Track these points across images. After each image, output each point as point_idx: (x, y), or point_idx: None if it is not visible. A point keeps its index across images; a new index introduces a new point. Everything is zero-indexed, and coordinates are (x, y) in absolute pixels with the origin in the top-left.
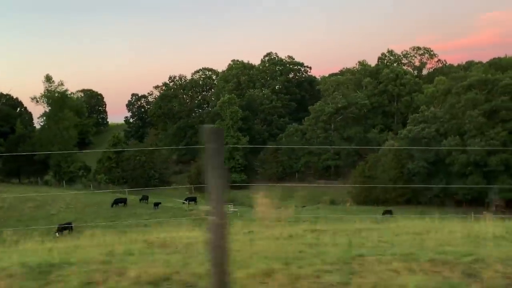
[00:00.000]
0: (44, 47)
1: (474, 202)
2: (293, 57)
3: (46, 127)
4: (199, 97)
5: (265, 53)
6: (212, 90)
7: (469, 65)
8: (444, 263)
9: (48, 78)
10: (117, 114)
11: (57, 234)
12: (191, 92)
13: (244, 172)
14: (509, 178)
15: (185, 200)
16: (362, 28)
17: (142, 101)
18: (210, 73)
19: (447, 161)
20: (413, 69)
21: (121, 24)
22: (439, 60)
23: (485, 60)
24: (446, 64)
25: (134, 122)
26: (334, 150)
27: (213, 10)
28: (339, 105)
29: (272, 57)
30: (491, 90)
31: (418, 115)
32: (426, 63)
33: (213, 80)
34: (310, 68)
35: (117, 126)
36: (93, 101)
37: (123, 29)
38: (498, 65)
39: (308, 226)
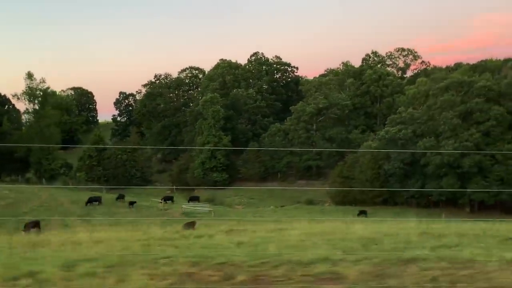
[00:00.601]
0: (37, 45)
1: (450, 203)
2: (281, 57)
3: (28, 124)
4: (186, 96)
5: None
6: (198, 89)
7: (457, 67)
8: (230, 265)
9: (30, 75)
10: (107, 112)
11: (23, 232)
12: (177, 91)
13: (226, 172)
14: (482, 179)
15: (162, 199)
16: (356, 30)
17: (130, 100)
18: (196, 72)
19: (422, 162)
20: (397, 71)
21: (114, 21)
22: (423, 61)
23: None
24: (430, 66)
25: (122, 121)
26: (315, 150)
27: (206, 10)
28: (320, 106)
29: (259, 57)
30: (467, 92)
31: (396, 116)
32: (410, 64)
33: (200, 79)
34: (297, 68)
35: (107, 124)
36: (83, 99)
37: (116, 27)
38: (484, 67)
39: (231, 227)
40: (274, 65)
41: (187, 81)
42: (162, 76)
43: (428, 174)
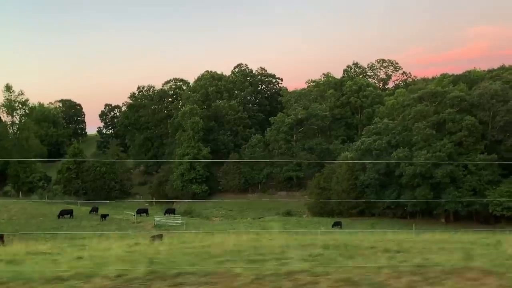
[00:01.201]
0: (28, 57)
1: (427, 213)
2: (266, 69)
3: (7, 136)
4: (169, 107)
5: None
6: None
7: (443, 78)
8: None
9: (8, 88)
10: (98, 124)
11: None
12: (160, 103)
13: (206, 183)
14: (455, 190)
15: (136, 212)
16: (347, 41)
17: (116, 112)
18: (180, 83)
19: (396, 173)
20: (379, 82)
21: (105, 33)
22: (404, 72)
23: None
24: (411, 76)
25: (107, 133)
26: (295, 161)
27: (193, 23)
28: (299, 117)
29: (242, 68)
30: (440, 103)
31: (372, 127)
32: (391, 75)
33: (184, 90)
34: (281, 79)
35: (95, 136)
36: (71, 111)
37: (107, 38)
38: (467, 78)
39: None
40: (259, 77)
41: (171, 92)
42: (146, 88)
43: (403, 185)
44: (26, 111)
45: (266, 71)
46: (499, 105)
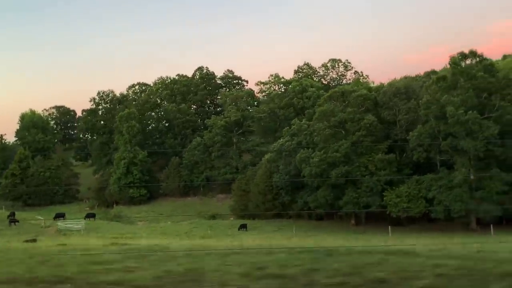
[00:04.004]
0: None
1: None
2: (233, 71)
3: None
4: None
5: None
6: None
7: (428, 74)
8: None
9: None
10: None
11: None
12: (120, 107)
13: (145, 187)
14: (353, 191)
15: (54, 216)
16: (364, 43)
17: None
18: (144, 88)
19: (302, 174)
20: (331, 81)
21: (103, 39)
22: (356, 71)
23: None
24: (363, 76)
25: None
26: (232, 164)
27: (182, 25)
28: (233, 119)
29: (203, 71)
30: (349, 102)
31: (290, 128)
32: (343, 75)
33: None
34: (247, 81)
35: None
36: (66, 118)
37: (103, 44)
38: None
39: None
40: (226, 79)
41: (135, 97)
42: (105, 93)
43: (308, 186)
44: None
45: (233, 73)
46: (401, 104)
